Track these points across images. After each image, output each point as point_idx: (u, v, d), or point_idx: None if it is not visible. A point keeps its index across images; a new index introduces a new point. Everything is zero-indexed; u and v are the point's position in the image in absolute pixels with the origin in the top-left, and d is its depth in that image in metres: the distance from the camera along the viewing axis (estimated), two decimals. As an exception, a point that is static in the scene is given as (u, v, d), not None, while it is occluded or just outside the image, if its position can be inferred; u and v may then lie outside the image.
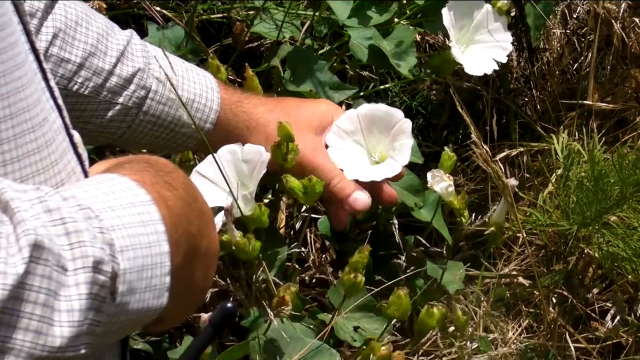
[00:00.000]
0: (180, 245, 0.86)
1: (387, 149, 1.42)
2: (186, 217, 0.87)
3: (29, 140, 0.84)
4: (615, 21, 1.89)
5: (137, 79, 1.32)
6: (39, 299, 0.72)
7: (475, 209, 1.76)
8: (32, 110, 0.85)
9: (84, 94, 1.29)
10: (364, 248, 1.34)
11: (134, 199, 0.82)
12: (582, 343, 1.61)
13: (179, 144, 1.38)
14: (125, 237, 0.79)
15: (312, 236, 1.68)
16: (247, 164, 1.35)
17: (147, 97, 1.33)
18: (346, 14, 1.58)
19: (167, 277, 0.82)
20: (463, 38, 1.52)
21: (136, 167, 0.88)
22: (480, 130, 1.64)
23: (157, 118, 1.35)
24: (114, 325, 0.78)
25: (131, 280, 0.79)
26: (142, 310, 0.81)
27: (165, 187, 0.86)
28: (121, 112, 1.32)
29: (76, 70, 1.28)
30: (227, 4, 1.73)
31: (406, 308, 1.34)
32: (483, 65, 1.52)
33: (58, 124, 0.90)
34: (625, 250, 1.50)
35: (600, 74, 1.91)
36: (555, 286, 1.61)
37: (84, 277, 0.75)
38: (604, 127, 1.85)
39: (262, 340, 1.31)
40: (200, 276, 0.92)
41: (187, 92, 1.36)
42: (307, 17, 1.68)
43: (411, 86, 1.87)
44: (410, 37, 1.59)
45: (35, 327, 0.72)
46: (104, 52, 1.30)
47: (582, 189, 1.52)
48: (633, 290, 1.66)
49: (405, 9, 1.67)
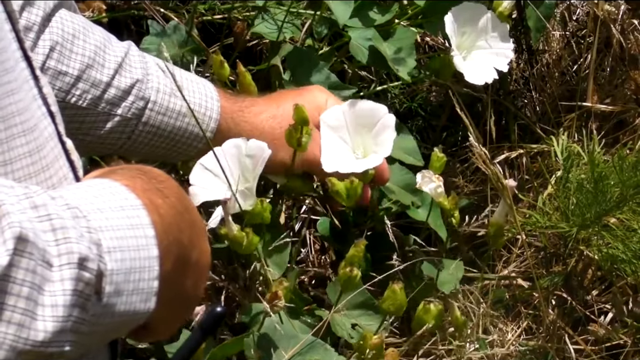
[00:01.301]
0: (170, 252, 0.86)
1: (371, 145, 1.42)
2: (177, 225, 0.87)
3: (19, 144, 0.84)
4: (615, 23, 1.89)
5: (135, 90, 1.32)
6: (23, 291, 0.72)
7: (474, 211, 1.76)
8: (22, 115, 0.85)
9: (82, 106, 1.29)
10: (359, 242, 1.34)
11: (123, 203, 0.82)
12: (581, 345, 1.61)
13: (179, 152, 1.38)
14: (113, 238, 0.79)
15: (312, 237, 1.69)
16: (251, 159, 1.35)
17: (145, 108, 1.33)
18: (346, 16, 1.58)
19: (155, 282, 0.82)
20: (464, 43, 1.52)
21: (128, 173, 0.88)
22: (479, 131, 1.65)
23: (157, 128, 1.35)
24: (99, 325, 0.78)
25: (118, 282, 0.79)
26: (128, 312, 0.81)
27: (157, 195, 0.87)
28: (120, 123, 1.32)
29: (74, 83, 1.28)
30: (228, 4, 1.73)
31: (401, 303, 1.34)
32: (484, 74, 1.52)
33: (50, 130, 0.90)
34: (624, 252, 1.50)
35: (600, 75, 1.91)
36: (555, 288, 1.61)
37: (69, 273, 0.75)
38: (604, 128, 1.86)
39: (257, 336, 1.31)
40: (190, 286, 0.92)
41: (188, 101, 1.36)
42: (307, 17, 1.68)
43: (411, 87, 1.87)
44: (410, 39, 1.59)
45: (18, 320, 0.72)
46: (101, 65, 1.30)
47: (581, 191, 1.52)
48: (632, 292, 1.66)
49: (406, 9, 1.67)
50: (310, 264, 1.68)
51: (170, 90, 1.35)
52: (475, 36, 1.53)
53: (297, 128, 1.35)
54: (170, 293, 0.86)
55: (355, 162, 1.42)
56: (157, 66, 1.35)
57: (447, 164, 1.50)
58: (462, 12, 1.51)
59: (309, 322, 1.42)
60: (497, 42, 1.53)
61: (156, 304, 0.83)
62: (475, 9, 1.52)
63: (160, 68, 1.34)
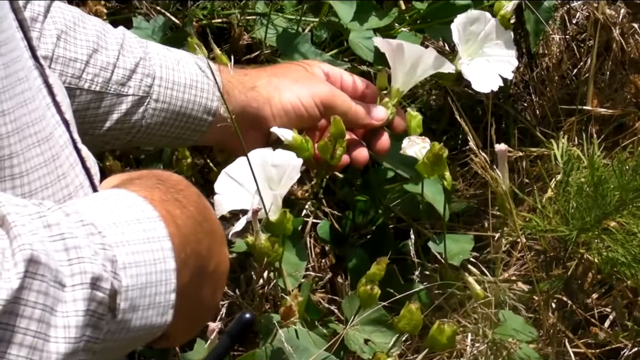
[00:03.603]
0: (188, 263, 0.85)
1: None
2: (195, 236, 0.87)
3: (34, 154, 0.84)
4: (615, 27, 1.89)
5: (140, 68, 1.33)
6: (34, 314, 0.72)
7: (475, 214, 1.76)
8: (36, 125, 0.85)
9: (96, 90, 1.30)
10: (382, 260, 1.34)
11: (140, 215, 0.82)
12: (582, 348, 1.61)
13: (193, 130, 1.37)
14: (129, 253, 0.79)
15: (312, 241, 1.69)
16: (276, 169, 1.34)
17: (153, 85, 1.34)
18: (350, 16, 1.59)
19: (172, 295, 0.82)
20: (468, 51, 1.52)
21: (146, 183, 0.88)
22: (479, 135, 1.64)
23: (168, 104, 1.35)
24: (114, 342, 0.78)
25: (133, 297, 0.78)
26: (144, 327, 0.80)
27: (175, 205, 0.86)
28: (134, 103, 1.33)
29: (84, 68, 1.29)
30: (228, 9, 1.73)
31: (417, 322, 1.34)
32: (489, 82, 1.52)
33: (65, 138, 0.90)
34: (624, 256, 1.50)
35: (600, 79, 1.91)
36: (555, 291, 1.61)
37: (82, 293, 0.74)
38: (604, 132, 1.85)
39: (269, 350, 1.31)
40: (208, 295, 0.91)
41: (189, 73, 1.37)
42: (307, 22, 1.68)
43: (411, 91, 1.87)
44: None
45: (30, 343, 0.72)
46: (105, 48, 1.31)
47: (581, 195, 1.52)
48: (632, 295, 1.66)
49: (405, 15, 1.67)
50: (311, 268, 1.68)
51: (172, 65, 1.36)
52: (479, 43, 1.53)
53: (332, 140, 1.36)
54: (188, 304, 0.86)
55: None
56: (154, 43, 1.37)
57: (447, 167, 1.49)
58: (467, 19, 1.51)
59: (323, 332, 1.42)
60: (501, 49, 1.54)
61: (174, 315, 0.82)
62: (479, 16, 1.52)
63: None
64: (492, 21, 1.52)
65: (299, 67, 1.45)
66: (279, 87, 1.40)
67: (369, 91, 1.47)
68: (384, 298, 1.40)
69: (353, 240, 1.67)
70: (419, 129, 1.48)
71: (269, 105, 1.39)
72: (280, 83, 1.41)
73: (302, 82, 1.41)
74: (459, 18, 1.50)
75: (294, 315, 1.29)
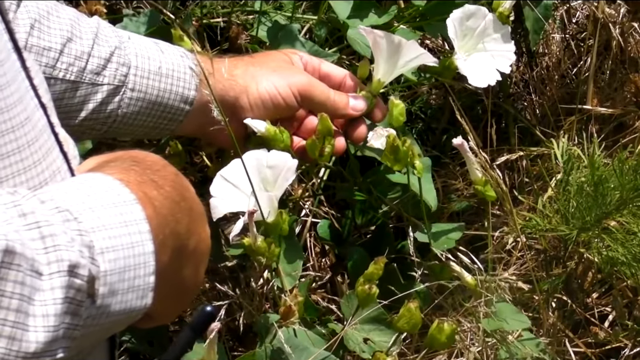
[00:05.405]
0: (166, 245, 0.85)
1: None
2: (174, 216, 0.87)
3: (8, 140, 0.83)
4: (614, 26, 1.89)
5: (115, 57, 1.32)
6: (12, 304, 0.72)
7: (474, 213, 1.76)
8: (11, 111, 0.84)
9: (70, 79, 1.29)
10: (379, 259, 1.34)
11: (116, 199, 0.82)
12: (582, 347, 1.61)
13: (169, 120, 1.36)
14: (106, 238, 0.78)
15: (312, 240, 1.69)
16: (271, 170, 1.34)
17: (129, 74, 1.33)
18: (346, 12, 1.58)
19: (151, 277, 0.82)
20: (465, 46, 1.52)
21: (122, 165, 0.88)
22: (479, 134, 1.64)
23: (144, 93, 1.34)
24: (95, 327, 0.78)
25: (112, 282, 0.78)
26: (124, 311, 0.80)
27: (152, 186, 0.86)
28: (109, 93, 1.32)
29: (58, 57, 1.28)
30: (227, 7, 1.73)
31: (416, 321, 1.34)
32: (486, 77, 1.51)
33: (42, 122, 0.89)
34: (624, 255, 1.50)
35: (600, 78, 1.91)
36: (555, 291, 1.61)
37: (59, 281, 0.74)
38: (604, 131, 1.85)
39: (269, 350, 1.31)
40: (189, 274, 0.91)
41: (165, 62, 1.35)
42: (306, 20, 1.68)
43: (411, 90, 1.87)
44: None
45: (9, 333, 0.72)
46: (79, 37, 1.30)
47: (581, 194, 1.52)
48: (632, 294, 1.66)
49: (404, 12, 1.67)
50: (311, 267, 1.67)
51: (147, 54, 1.35)
52: (476, 38, 1.52)
53: (320, 138, 1.35)
54: (169, 284, 0.86)
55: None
56: (133, 34, 1.36)
57: (446, 166, 1.49)
58: (463, 14, 1.50)
59: (321, 332, 1.42)
60: (498, 44, 1.53)
61: (155, 297, 0.82)
62: (476, 11, 1.51)
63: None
64: (489, 16, 1.52)
65: (277, 56, 1.44)
66: (256, 76, 1.38)
67: (348, 80, 1.46)
68: (385, 297, 1.39)
69: (353, 240, 1.67)
70: (401, 117, 1.45)
71: (245, 95, 1.38)
72: (258, 72, 1.39)
73: (279, 71, 1.40)
74: (455, 13, 1.49)
75: (294, 315, 1.29)
